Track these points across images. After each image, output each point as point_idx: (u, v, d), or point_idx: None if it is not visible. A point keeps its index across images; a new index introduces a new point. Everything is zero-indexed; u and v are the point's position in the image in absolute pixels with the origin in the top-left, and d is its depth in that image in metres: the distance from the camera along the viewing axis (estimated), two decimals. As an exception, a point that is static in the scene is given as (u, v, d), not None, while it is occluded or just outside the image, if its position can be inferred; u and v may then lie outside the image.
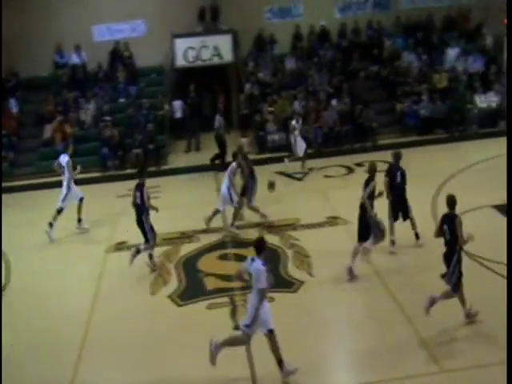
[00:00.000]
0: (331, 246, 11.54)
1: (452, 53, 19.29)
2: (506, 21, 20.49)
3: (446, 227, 8.55)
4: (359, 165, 15.85)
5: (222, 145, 16.70)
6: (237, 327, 8.28)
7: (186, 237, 12.32)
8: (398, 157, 11.13)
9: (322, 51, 19.57)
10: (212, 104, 19.38)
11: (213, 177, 15.84)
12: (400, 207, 10.97)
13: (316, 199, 13.17)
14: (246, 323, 7.62)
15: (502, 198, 12.71)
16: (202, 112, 18.74)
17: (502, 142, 15.43)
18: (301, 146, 15.79)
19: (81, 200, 12.88)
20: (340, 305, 9.63)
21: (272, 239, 11.89)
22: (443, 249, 8.60)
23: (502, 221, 11.85)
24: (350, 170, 15.58)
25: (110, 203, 14.37)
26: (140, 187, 10.70)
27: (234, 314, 9.41)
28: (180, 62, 18.98)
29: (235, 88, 20.00)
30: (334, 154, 16.57)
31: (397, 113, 18.12)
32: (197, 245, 11.96)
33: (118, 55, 19.26)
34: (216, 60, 19.04)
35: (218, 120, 16.87)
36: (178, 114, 18.64)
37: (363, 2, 20.36)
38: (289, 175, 15.51)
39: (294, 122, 16.01)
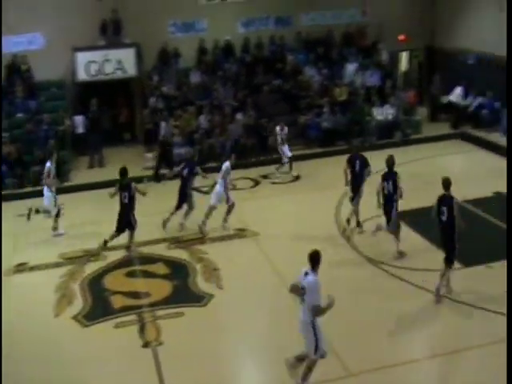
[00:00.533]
0: (240, 258, 11.67)
1: (351, 68, 19.97)
2: (400, 37, 21.70)
3: (443, 208, 9.11)
4: (265, 177, 16.12)
5: (166, 153, 16.56)
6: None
7: (90, 255, 11.98)
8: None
9: (226, 65, 19.71)
10: (113, 118, 19.04)
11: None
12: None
13: (223, 212, 13.20)
14: (312, 350, 7.30)
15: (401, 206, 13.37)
16: (103, 126, 18.31)
17: (399, 151, 16.22)
18: (286, 153, 16.19)
19: None
20: (248, 317, 9.69)
21: (181, 254, 11.85)
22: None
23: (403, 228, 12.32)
24: (257, 183, 15.76)
25: (8, 223, 13.71)
26: (128, 187, 11.66)
27: (142, 331, 9.26)
28: (82, 75, 18.48)
29: (139, 102, 19.73)
30: (241, 167, 16.73)
31: (300, 125, 18.54)
32: (103, 263, 11.67)
33: (16, 69, 18.53)
34: (119, 74, 18.70)
35: (164, 127, 16.72)
36: (80, 130, 18.09)
37: (265, 17, 20.74)
38: (195, 189, 15.47)
39: (278, 129, 16.34)
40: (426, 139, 17.91)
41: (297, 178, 16.05)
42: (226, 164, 12.71)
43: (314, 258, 7.35)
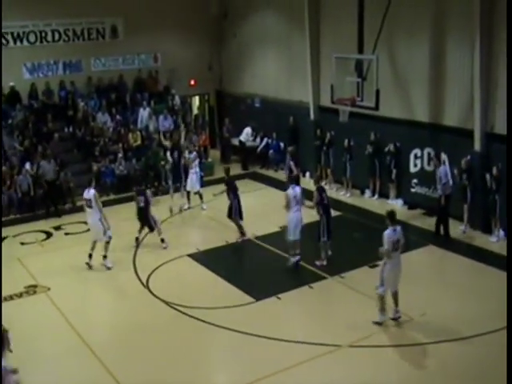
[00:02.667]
0: (32, 315, 10.94)
1: (144, 113, 20.08)
2: (191, 82, 22.38)
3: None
4: (58, 228, 15.40)
5: None
6: None
7: None
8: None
9: (12, 113, 18.68)
10: None
11: None
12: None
13: (12, 268, 12.32)
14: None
15: (196, 247, 13.66)
16: None
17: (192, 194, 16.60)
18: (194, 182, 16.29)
19: None
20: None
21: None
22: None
23: (197, 267, 12.78)
24: (49, 235, 15.01)
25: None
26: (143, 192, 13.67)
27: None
28: None
29: None
30: (31, 220, 15.80)
31: (94, 172, 18.09)
32: None
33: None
34: None
35: None
36: None
37: (53, 62, 20.13)
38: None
39: (193, 155, 16.41)
40: (219, 180, 18.45)
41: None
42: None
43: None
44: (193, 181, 16.43)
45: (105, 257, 12.75)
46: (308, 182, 17.79)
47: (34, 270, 12.69)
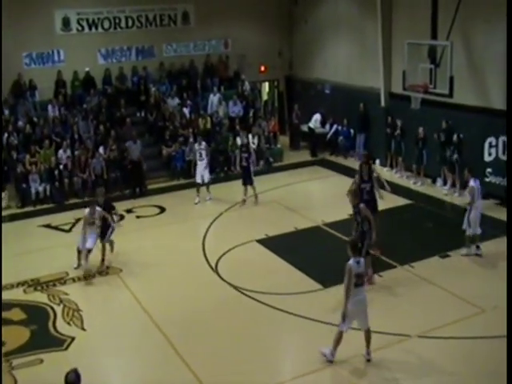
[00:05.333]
0: (103, 297, 11.34)
1: (214, 98, 20.28)
2: (261, 68, 22.43)
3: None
4: (130, 211, 15.82)
5: None
6: None
7: None
8: None
9: (87, 98, 19.27)
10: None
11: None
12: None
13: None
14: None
15: (265, 232, 13.76)
16: None
17: (263, 179, 16.68)
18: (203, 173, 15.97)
19: None
20: (113, 357, 9.42)
21: (39, 297, 11.28)
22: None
23: (265, 252, 12.82)
24: (121, 217, 15.45)
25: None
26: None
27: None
28: None
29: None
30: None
31: (164, 157, 18.50)
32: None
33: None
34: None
35: None
36: None
37: (127, 48, 20.59)
38: (55, 227, 14.87)
39: (196, 145, 16.19)
40: (288, 166, 18.54)
41: (162, 210, 15.92)
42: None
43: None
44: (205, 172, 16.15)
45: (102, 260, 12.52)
46: (379, 169, 17.63)
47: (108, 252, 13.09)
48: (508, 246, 9.82)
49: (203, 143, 16.33)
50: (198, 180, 16.09)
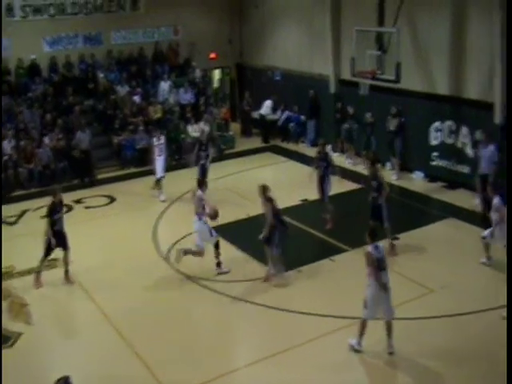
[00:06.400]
0: (52, 290, 11.11)
1: (164, 86, 20.04)
2: (212, 55, 22.26)
3: None
4: (79, 202, 15.51)
5: None
6: None
7: None
8: None
9: (32, 86, 18.76)
10: None
11: None
12: None
13: (32, 243, 12.43)
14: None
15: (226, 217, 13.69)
16: None
17: (215, 166, 16.57)
18: (158, 169, 15.27)
19: None
20: (63, 352, 9.26)
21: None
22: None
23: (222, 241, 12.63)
24: (70, 208, 15.12)
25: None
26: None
27: None
28: None
29: None
30: (51, 193, 16.00)
31: (114, 146, 18.21)
32: None
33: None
34: None
35: None
36: None
37: (73, 36, 20.10)
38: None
39: (154, 139, 15.42)
40: (240, 153, 18.51)
41: (112, 200, 15.68)
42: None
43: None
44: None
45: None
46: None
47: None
48: (508, 247, 10.08)
49: (162, 137, 15.62)
50: (161, 174, 15.43)
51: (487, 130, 13.73)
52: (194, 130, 18.92)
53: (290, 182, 14.96)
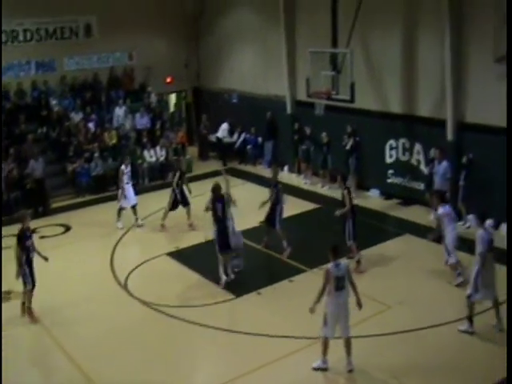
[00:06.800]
0: (7, 320, 10.71)
1: (119, 111, 19.88)
2: (168, 79, 22.23)
3: None
4: (33, 231, 14.98)
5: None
6: None
7: None
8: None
9: (-17, 114, 18.35)
10: None
11: None
12: None
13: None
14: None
15: (175, 245, 13.60)
16: None
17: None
18: (131, 196, 14.92)
19: None
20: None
21: None
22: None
23: (177, 265, 12.76)
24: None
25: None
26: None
27: None
28: None
29: None
30: (5, 224, 15.58)
31: (69, 173, 17.92)
32: None
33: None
34: None
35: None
36: None
37: (26, 62, 19.82)
38: None
39: (123, 167, 14.97)
40: (198, 177, 18.39)
41: (67, 229, 15.34)
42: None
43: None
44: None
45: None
46: (287, 176, 17.92)
47: (8, 276, 12.34)
48: (508, 249, 10.14)
49: (129, 165, 15.41)
50: (129, 204, 15.09)
51: (440, 146, 13.99)
52: (151, 156, 18.74)
53: (248, 204, 14.85)
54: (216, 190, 11.91)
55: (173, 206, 14.89)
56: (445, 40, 13.96)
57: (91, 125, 19.21)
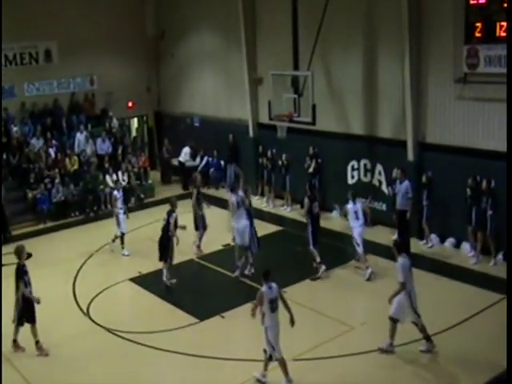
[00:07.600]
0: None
1: (81, 137, 19.70)
2: (129, 104, 22.14)
3: None
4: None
5: None
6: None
7: None
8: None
9: None
10: None
11: None
12: None
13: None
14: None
15: (138, 270, 13.43)
16: None
17: (134, 216, 16.21)
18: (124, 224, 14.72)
19: None
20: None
21: None
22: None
23: (140, 290, 12.59)
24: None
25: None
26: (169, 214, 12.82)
27: None
28: None
29: None
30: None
31: (29, 200, 17.61)
32: None
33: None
34: None
35: None
36: None
37: (-17, 89, 19.51)
38: None
39: (115, 192, 14.73)
40: (160, 202, 18.27)
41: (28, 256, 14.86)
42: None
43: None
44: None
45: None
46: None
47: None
48: (508, 248, 10.14)
49: (121, 190, 15.24)
50: (125, 230, 14.89)
51: (401, 166, 14.15)
52: (112, 181, 18.56)
53: (212, 228, 14.84)
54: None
55: (202, 225, 14.57)
56: (404, 61, 14.22)
57: (52, 151, 18.98)
